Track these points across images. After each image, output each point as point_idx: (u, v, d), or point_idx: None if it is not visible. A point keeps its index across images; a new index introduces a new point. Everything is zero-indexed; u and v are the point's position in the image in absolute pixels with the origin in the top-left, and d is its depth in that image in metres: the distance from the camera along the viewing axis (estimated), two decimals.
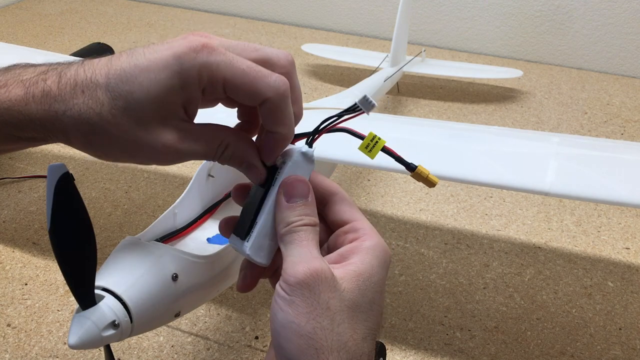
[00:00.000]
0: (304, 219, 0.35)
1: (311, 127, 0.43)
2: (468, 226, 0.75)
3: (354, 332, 0.32)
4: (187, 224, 0.47)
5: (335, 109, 0.63)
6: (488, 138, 0.55)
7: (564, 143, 0.53)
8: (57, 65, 0.36)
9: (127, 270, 0.39)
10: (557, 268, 0.69)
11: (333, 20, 1.39)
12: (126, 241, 0.41)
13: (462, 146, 0.52)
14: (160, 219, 0.45)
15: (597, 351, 0.58)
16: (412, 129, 0.56)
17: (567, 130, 0.99)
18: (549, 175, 0.46)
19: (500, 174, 0.47)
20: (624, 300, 0.65)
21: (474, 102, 1.08)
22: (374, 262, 0.34)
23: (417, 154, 0.47)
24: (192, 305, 0.43)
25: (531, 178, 0.47)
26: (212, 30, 1.35)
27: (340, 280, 0.32)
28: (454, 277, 0.67)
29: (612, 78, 1.20)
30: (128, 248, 0.41)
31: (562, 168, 0.48)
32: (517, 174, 0.47)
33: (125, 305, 0.37)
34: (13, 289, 0.63)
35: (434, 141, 0.53)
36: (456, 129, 0.59)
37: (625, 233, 0.75)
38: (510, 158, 0.50)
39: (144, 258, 0.40)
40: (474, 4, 1.27)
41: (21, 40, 1.26)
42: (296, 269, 0.32)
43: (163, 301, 0.39)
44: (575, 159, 0.51)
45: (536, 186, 0.46)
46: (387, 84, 0.90)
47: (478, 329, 0.60)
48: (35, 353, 0.56)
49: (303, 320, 0.32)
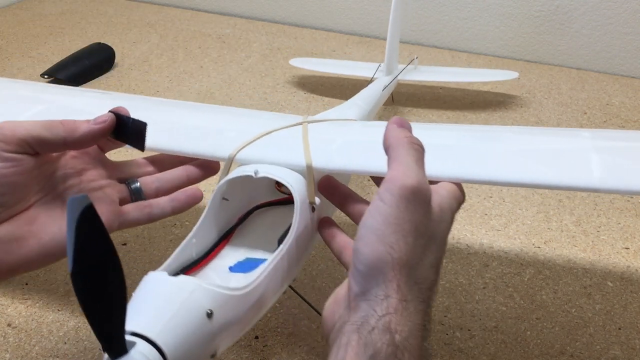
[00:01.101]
0: (416, 140, 0.38)
1: (323, 138, 0.49)
2: (468, 226, 0.75)
3: (426, 258, 0.35)
4: (205, 253, 0.45)
5: (343, 120, 0.63)
6: (519, 138, 0.52)
7: (596, 137, 0.50)
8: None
9: (158, 311, 0.35)
10: (556, 268, 0.69)
11: (333, 20, 1.39)
12: (151, 277, 0.37)
13: (496, 148, 0.49)
14: (179, 249, 0.42)
15: (596, 351, 0.58)
16: (435, 133, 0.53)
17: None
18: (595, 171, 0.44)
19: (543, 173, 0.44)
20: (624, 300, 0.65)
21: (473, 102, 1.08)
22: (444, 203, 0.38)
23: (455, 159, 0.46)
24: (229, 342, 0.39)
25: (578, 175, 0.44)
26: (212, 30, 1.36)
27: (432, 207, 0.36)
28: (454, 276, 0.67)
29: (612, 78, 1.20)
30: (154, 285, 0.37)
31: (605, 162, 0.45)
32: (562, 172, 0.44)
33: (160, 351, 0.33)
34: (13, 288, 0.63)
35: (466, 144, 0.50)
36: (479, 130, 0.56)
37: (624, 233, 0.75)
38: (550, 156, 0.47)
39: (175, 295, 0.35)
40: (474, 4, 1.28)
41: (22, 40, 1.26)
42: (406, 178, 0.35)
43: (199, 342, 0.36)
44: (615, 151, 0.48)
45: (585, 183, 0.43)
46: (385, 93, 0.90)
47: (478, 329, 0.60)
48: (36, 353, 0.56)
49: (389, 230, 0.34)
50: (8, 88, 0.64)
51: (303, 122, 0.53)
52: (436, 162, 0.43)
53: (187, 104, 0.65)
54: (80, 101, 0.59)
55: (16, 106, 0.56)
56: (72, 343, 0.57)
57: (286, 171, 0.46)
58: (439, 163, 0.44)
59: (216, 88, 1.10)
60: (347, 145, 0.50)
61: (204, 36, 1.33)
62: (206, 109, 0.62)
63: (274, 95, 1.08)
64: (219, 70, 1.17)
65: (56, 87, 0.69)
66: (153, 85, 1.09)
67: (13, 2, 1.46)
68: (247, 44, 1.30)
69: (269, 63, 1.21)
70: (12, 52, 1.20)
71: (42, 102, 0.57)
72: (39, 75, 1.08)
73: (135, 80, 1.11)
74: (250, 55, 1.24)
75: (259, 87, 1.11)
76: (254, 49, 1.27)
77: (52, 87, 0.68)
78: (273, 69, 1.18)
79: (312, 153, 0.47)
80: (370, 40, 1.34)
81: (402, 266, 0.33)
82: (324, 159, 0.47)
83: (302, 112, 1.03)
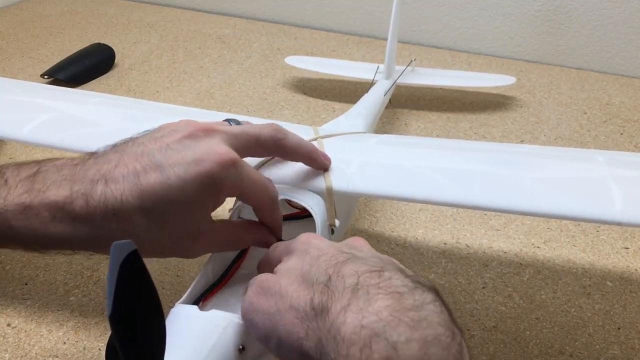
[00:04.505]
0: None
1: (340, 158, 0.49)
2: (467, 226, 0.75)
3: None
4: (220, 277, 0.44)
5: (353, 133, 0.62)
6: (536, 162, 0.51)
7: (611, 163, 0.50)
8: (81, 183, 0.36)
9: (192, 350, 0.33)
10: (556, 268, 0.69)
11: (333, 20, 1.39)
12: (181, 312, 0.36)
13: (519, 176, 0.47)
14: (199, 278, 0.42)
15: (595, 350, 0.58)
16: (457, 157, 0.52)
17: (567, 130, 1.00)
18: (617, 203, 0.43)
19: (564, 203, 0.43)
20: (623, 299, 0.65)
21: (473, 101, 1.08)
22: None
23: (481, 187, 0.46)
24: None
25: (600, 207, 0.43)
26: (212, 30, 1.36)
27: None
28: (453, 276, 0.67)
29: (612, 78, 1.20)
30: (185, 321, 0.35)
31: (626, 194, 0.44)
32: (584, 203, 0.43)
33: None
34: (13, 288, 0.63)
35: (484, 170, 0.49)
36: (496, 152, 0.55)
37: (624, 233, 0.75)
38: (570, 185, 0.46)
39: (208, 333, 0.34)
40: (473, 4, 1.28)
41: (22, 40, 1.26)
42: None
43: None
44: (633, 182, 0.47)
45: (608, 216, 0.42)
46: (386, 98, 0.90)
47: (477, 329, 0.60)
48: (35, 353, 0.56)
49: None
50: (8, 91, 0.64)
51: (317, 137, 0.53)
52: (462, 190, 0.44)
53: (191, 111, 0.64)
54: (86, 109, 0.59)
55: (20, 115, 0.56)
56: (71, 343, 0.57)
57: (306, 193, 0.46)
58: (468, 192, 0.44)
59: (216, 88, 1.10)
60: (366, 167, 0.50)
61: (204, 36, 1.33)
62: (211, 117, 0.61)
63: (274, 95, 1.08)
64: (219, 71, 1.17)
65: (58, 90, 0.69)
66: (153, 86, 1.09)
67: (13, 2, 1.46)
68: (247, 44, 1.30)
69: (269, 63, 1.21)
70: (12, 53, 1.20)
71: (46, 110, 0.57)
72: (39, 75, 1.08)
73: (135, 81, 1.11)
74: (250, 55, 1.24)
75: (259, 88, 1.11)
76: (254, 49, 1.28)
77: (54, 90, 0.68)
78: (273, 69, 1.18)
79: (331, 174, 0.47)
80: (370, 41, 1.34)
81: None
82: (344, 182, 0.47)
83: (303, 113, 1.03)
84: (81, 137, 0.53)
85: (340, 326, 0.28)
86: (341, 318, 0.28)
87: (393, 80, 0.95)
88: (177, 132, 0.38)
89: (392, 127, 0.99)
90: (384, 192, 0.47)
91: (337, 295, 0.29)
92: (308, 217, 0.47)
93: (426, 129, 0.99)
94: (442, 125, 1.00)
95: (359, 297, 0.29)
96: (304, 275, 0.32)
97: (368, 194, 0.47)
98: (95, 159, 0.38)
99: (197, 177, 0.35)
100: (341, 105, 1.05)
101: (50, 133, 0.53)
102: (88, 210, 0.35)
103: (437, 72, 1.12)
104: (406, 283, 0.30)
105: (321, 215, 0.45)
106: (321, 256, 0.33)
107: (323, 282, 0.31)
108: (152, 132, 0.39)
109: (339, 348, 0.27)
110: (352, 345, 0.27)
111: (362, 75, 1.03)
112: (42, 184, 0.36)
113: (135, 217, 0.35)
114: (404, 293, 0.29)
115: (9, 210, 0.35)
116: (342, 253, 0.33)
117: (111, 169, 0.36)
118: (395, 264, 0.33)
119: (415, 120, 1.02)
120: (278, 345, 0.32)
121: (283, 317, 0.31)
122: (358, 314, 0.28)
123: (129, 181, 0.35)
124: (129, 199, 0.35)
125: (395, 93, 1.03)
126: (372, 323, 0.27)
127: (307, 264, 0.33)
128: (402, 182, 0.47)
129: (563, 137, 0.98)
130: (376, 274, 0.30)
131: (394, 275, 0.30)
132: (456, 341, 0.28)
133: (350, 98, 1.07)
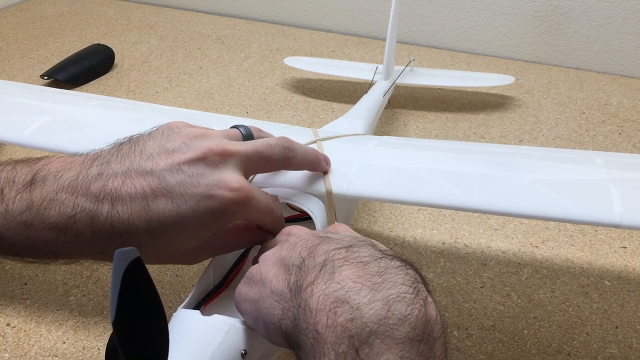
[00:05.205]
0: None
1: (340, 160, 0.49)
2: (466, 225, 0.75)
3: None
4: (221, 281, 0.44)
5: (354, 135, 0.62)
6: (534, 164, 0.51)
7: (610, 165, 0.50)
8: (84, 197, 0.35)
9: (195, 354, 0.33)
10: (554, 267, 0.69)
11: (332, 20, 1.39)
12: (184, 317, 0.36)
13: (521, 178, 0.48)
14: (200, 282, 0.42)
15: (593, 349, 0.59)
16: (459, 159, 0.52)
17: (565, 129, 1.00)
18: (616, 206, 0.43)
19: (563, 206, 0.43)
20: (621, 299, 0.65)
21: (471, 101, 1.09)
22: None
23: (483, 190, 0.46)
24: None
25: (598, 209, 0.43)
26: (212, 31, 1.36)
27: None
28: (452, 276, 0.67)
29: (610, 78, 1.21)
30: (188, 326, 0.35)
31: (625, 196, 0.44)
32: (582, 206, 0.43)
33: None
34: (13, 288, 0.64)
35: (484, 172, 0.49)
36: (496, 153, 0.55)
37: (622, 232, 0.75)
38: (568, 187, 0.46)
39: (210, 337, 0.34)
40: (473, 5, 1.28)
41: (21, 41, 1.26)
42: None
43: None
44: (632, 183, 0.47)
45: (606, 219, 0.42)
46: (385, 99, 0.90)
47: (475, 328, 0.60)
48: (35, 352, 0.56)
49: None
50: (8, 94, 0.64)
51: (317, 140, 0.53)
52: (463, 193, 0.44)
53: (191, 113, 0.64)
54: (85, 111, 0.59)
55: (19, 118, 0.56)
56: (70, 342, 0.57)
57: (306, 197, 0.46)
58: (467, 194, 0.45)
59: (215, 89, 1.10)
60: (366, 170, 0.50)
61: (204, 37, 1.33)
62: (211, 119, 0.61)
63: (273, 95, 1.08)
64: (218, 71, 1.17)
65: (57, 92, 0.69)
66: (152, 86, 1.10)
67: (13, 3, 1.47)
68: (247, 44, 1.30)
69: (268, 64, 1.21)
70: (12, 54, 1.20)
71: (45, 113, 0.57)
72: (38, 76, 1.08)
73: (135, 81, 1.11)
74: (250, 56, 1.25)
75: (258, 88, 1.11)
76: (253, 49, 1.28)
77: (53, 92, 0.68)
78: (272, 69, 1.18)
79: (331, 177, 0.47)
80: (369, 41, 1.34)
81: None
82: (344, 185, 0.47)
83: (302, 113, 1.03)
84: (80, 139, 0.53)
85: (308, 299, 0.30)
86: (309, 291, 0.30)
87: (392, 81, 0.95)
88: (189, 150, 0.36)
89: (390, 127, 1.00)
90: (384, 195, 0.47)
91: (308, 273, 0.32)
92: (308, 220, 0.47)
93: (425, 129, 0.99)
94: (441, 125, 1.00)
95: (326, 271, 0.31)
96: (282, 261, 0.34)
97: (368, 197, 0.47)
98: (98, 166, 0.36)
99: (208, 210, 0.36)
100: (340, 105, 1.05)
101: (50, 136, 0.53)
102: (93, 230, 0.34)
103: (436, 72, 1.12)
104: (372, 253, 0.32)
105: (321, 219, 0.45)
106: (298, 242, 0.35)
107: (297, 265, 0.33)
108: (159, 138, 0.38)
109: (308, 317, 0.30)
110: (318, 312, 0.29)
111: (361, 76, 1.03)
112: (42, 199, 0.35)
113: (142, 237, 0.35)
114: (369, 262, 0.31)
115: (10, 230, 0.35)
116: (317, 237, 0.35)
117: (118, 187, 0.35)
118: (370, 242, 0.35)
119: (414, 120, 1.02)
120: (265, 329, 0.34)
121: (265, 302, 0.33)
122: (323, 285, 0.30)
123: (137, 204, 0.34)
124: (137, 222, 0.34)
125: (394, 93, 1.03)
126: (336, 291, 0.29)
127: (285, 250, 0.35)
128: (402, 186, 0.47)
129: (561, 137, 0.98)
130: (344, 250, 0.32)
131: (362, 249, 0.32)
132: (420, 297, 0.30)
133: (349, 98, 1.07)
